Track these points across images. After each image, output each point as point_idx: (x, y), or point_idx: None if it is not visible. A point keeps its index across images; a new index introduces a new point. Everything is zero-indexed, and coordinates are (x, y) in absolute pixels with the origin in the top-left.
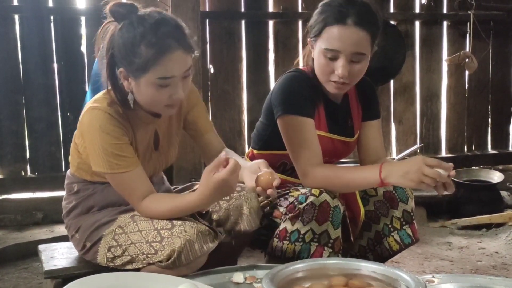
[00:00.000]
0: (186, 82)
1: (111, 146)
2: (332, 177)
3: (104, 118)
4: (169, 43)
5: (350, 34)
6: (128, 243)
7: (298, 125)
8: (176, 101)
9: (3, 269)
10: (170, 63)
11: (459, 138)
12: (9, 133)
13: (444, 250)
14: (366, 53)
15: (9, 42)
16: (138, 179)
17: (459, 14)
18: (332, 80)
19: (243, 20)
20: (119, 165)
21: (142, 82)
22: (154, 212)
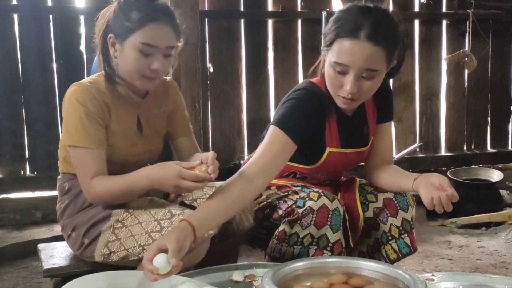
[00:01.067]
0: (167, 61)
1: (81, 119)
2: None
3: (83, 92)
4: (159, 14)
5: (361, 49)
6: (128, 236)
7: (277, 138)
8: (154, 74)
9: (2, 269)
10: (156, 31)
11: (459, 137)
12: (8, 133)
13: (443, 249)
14: (378, 70)
15: (8, 42)
16: (95, 159)
17: (458, 13)
18: (340, 95)
19: (242, 19)
20: (81, 139)
21: (127, 45)
22: (101, 190)
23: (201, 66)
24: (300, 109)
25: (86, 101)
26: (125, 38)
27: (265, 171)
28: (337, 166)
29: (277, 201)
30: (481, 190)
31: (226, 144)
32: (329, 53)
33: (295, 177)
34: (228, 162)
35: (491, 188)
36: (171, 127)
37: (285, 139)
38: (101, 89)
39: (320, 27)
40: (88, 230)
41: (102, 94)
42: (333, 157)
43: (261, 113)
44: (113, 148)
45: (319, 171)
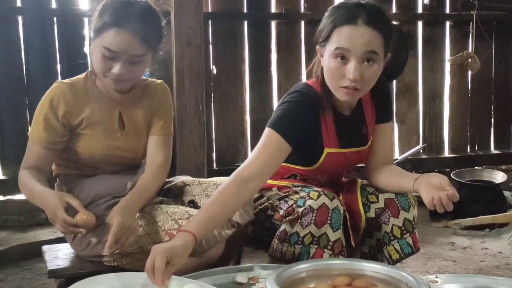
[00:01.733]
0: (134, 68)
1: (41, 118)
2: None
3: (53, 92)
4: (126, 22)
5: (361, 33)
6: (143, 234)
7: (271, 140)
8: (117, 78)
9: (7, 270)
10: (117, 38)
11: (462, 138)
12: (12, 134)
13: (447, 250)
14: (378, 53)
15: (12, 44)
16: (37, 155)
17: (462, 14)
18: (343, 85)
19: (245, 20)
20: (34, 134)
21: (95, 44)
22: (21, 183)
23: (204, 68)
24: (294, 111)
25: (54, 102)
26: (95, 37)
27: (259, 174)
28: (336, 167)
29: (278, 201)
30: (484, 191)
31: (229, 145)
32: (327, 46)
33: (296, 179)
34: (231, 164)
35: (494, 190)
36: (148, 124)
37: (279, 140)
38: (77, 86)
39: None
40: (96, 229)
41: (75, 90)
42: (331, 157)
43: (265, 114)
44: (91, 139)
45: (319, 172)
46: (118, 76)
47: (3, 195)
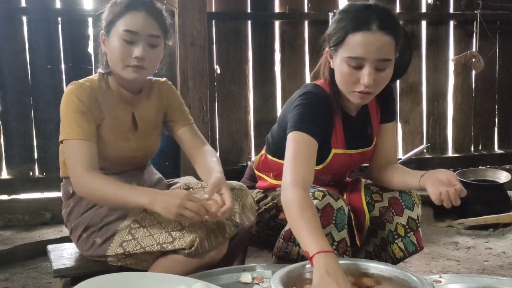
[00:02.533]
0: (152, 53)
1: (73, 114)
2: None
3: (76, 89)
4: (139, 4)
5: (374, 40)
6: (146, 235)
7: (302, 141)
8: (138, 62)
9: (12, 269)
10: (135, 18)
11: (466, 138)
12: (17, 134)
13: (451, 250)
14: (391, 59)
15: (17, 44)
16: (87, 149)
17: (466, 13)
18: (356, 90)
19: (249, 20)
20: (73, 131)
21: (111, 36)
22: (95, 188)
23: (208, 68)
24: (311, 111)
25: (78, 97)
26: (109, 30)
27: (309, 178)
28: (341, 167)
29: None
30: (488, 191)
31: (233, 145)
32: (339, 51)
33: None
34: (235, 164)
35: (498, 189)
36: (170, 121)
37: (308, 138)
38: (94, 87)
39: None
40: (100, 229)
41: (94, 91)
42: (338, 158)
43: (268, 114)
44: (105, 143)
45: (324, 172)
46: (140, 59)
47: (8, 194)
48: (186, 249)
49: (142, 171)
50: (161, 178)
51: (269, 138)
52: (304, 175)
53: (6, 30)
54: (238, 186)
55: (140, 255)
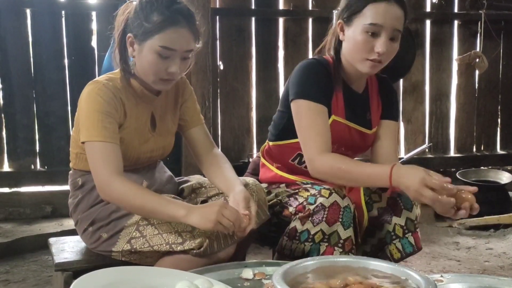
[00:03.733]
0: (184, 64)
1: (98, 115)
2: (339, 168)
3: (101, 90)
4: (179, 18)
5: (393, 11)
6: (155, 234)
7: (310, 110)
8: (171, 76)
9: (12, 262)
10: (175, 35)
11: (468, 138)
12: (20, 127)
13: (451, 250)
14: (401, 31)
15: (21, 37)
16: (114, 153)
17: (470, 13)
18: (369, 58)
19: (253, 17)
20: (99, 133)
21: (145, 47)
22: (127, 194)
23: (211, 64)
24: (313, 76)
25: (103, 99)
26: (144, 40)
27: (328, 147)
28: (340, 141)
29: (287, 198)
30: (490, 191)
31: (235, 141)
32: (357, 19)
33: (301, 163)
34: (237, 160)
35: (500, 190)
36: (182, 119)
37: (317, 107)
38: (117, 87)
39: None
40: (107, 225)
41: (118, 91)
42: (337, 127)
43: (270, 110)
44: (126, 145)
45: None
46: (175, 74)
47: (9, 187)
48: (195, 249)
49: (153, 168)
50: (171, 176)
51: (270, 126)
52: (326, 141)
53: (11, 23)
54: (252, 181)
55: (146, 252)
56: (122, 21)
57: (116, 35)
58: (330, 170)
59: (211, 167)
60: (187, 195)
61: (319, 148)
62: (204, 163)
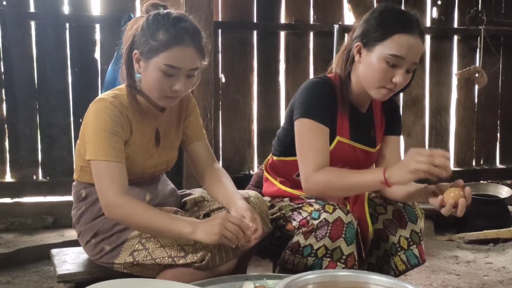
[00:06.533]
0: (190, 81)
1: (104, 134)
2: (334, 180)
3: (107, 108)
4: (185, 37)
5: (416, 44)
6: (157, 246)
7: (312, 129)
8: (175, 94)
9: (14, 272)
10: (180, 54)
11: (468, 152)
12: (23, 137)
13: (451, 264)
14: (417, 64)
15: (25, 48)
16: (119, 172)
17: (470, 29)
18: (386, 87)
19: (255, 30)
20: (105, 153)
21: (151, 65)
22: (132, 214)
23: (213, 76)
24: (318, 95)
25: (110, 117)
26: (149, 57)
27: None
28: (344, 161)
29: (291, 212)
30: (489, 205)
31: (236, 153)
32: (379, 47)
33: None
34: (238, 172)
35: (499, 204)
36: (184, 134)
37: (319, 126)
38: (124, 104)
39: (332, 40)
40: (110, 237)
41: (125, 108)
42: (342, 147)
43: (271, 123)
44: (131, 160)
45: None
46: (179, 92)
47: (11, 197)
48: (197, 263)
49: (156, 182)
50: (174, 189)
51: (275, 141)
52: (323, 160)
53: (15, 35)
54: (254, 194)
55: (148, 265)
56: (130, 36)
57: (124, 50)
58: (327, 183)
59: (212, 182)
60: (189, 208)
61: (316, 166)
62: (204, 178)
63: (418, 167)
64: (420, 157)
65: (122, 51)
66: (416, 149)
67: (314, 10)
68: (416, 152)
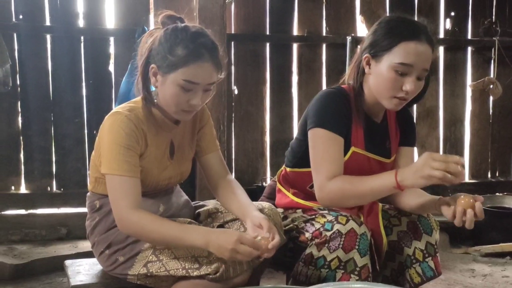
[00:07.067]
0: (206, 95)
1: (119, 148)
2: (348, 188)
3: (123, 122)
4: (203, 52)
5: (424, 50)
6: (171, 258)
7: (326, 139)
8: (192, 108)
9: (28, 283)
10: (199, 70)
11: (483, 164)
12: (37, 149)
13: (467, 277)
14: (428, 71)
15: (41, 61)
16: (133, 187)
17: (484, 40)
18: (397, 96)
19: (268, 42)
20: (119, 167)
21: (169, 80)
22: (145, 227)
23: (226, 88)
24: (332, 106)
25: (125, 132)
26: (167, 72)
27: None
28: (359, 172)
29: (304, 223)
30: (505, 218)
31: (249, 165)
32: (386, 57)
33: None
34: (250, 184)
35: None
36: (198, 145)
37: (334, 136)
38: (139, 117)
39: (344, 51)
40: (124, 248)
41: (140, 122)
42: (356, 158)
43: (284, 134)
44: (146, 173)
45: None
46: (196, 106)
47: (25, 209)
48: (211, 274)
49: (170, 193)
50: (187, 201)
51: (288, 152)
52: (337, 170)
53: (31, 48)
54: (268, 206)
55: (162, 276)
56: (146, 50)
57: (139, 63)
58: (340, 191)
59: (226, 194)
60: (203, 220)
61: (330, 175)
62: (218, 189)
63: (431, 173)
64: (434, 163)
65: (137, 63)
66: (430, 153)
67: (326, 22)
68: (431, 157)
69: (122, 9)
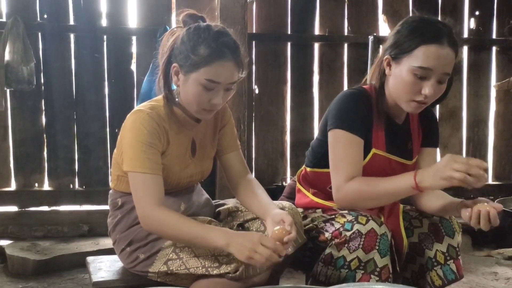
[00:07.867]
0: (227, 94)
1: (141, 146)
2: (365, 189)
3: (145, 120)
4: (226, 52)
5: (445, 54)
6: (191, 256)
7: (345, 140)
8: (213, 107)
9: (50, 279)
10: (221, 69)
11: (507, 165)
12: (60, 147)
13: (490, 280)
14: (450, 74)
15: (64, 60)
16: (156, 184)
17: (509, 39)
18: (416, 100)
19: (289, 42)
20: (142, 165)
21: (191, 79)
22: (168, 224)
23: (247, 88)
24: (352, 107)
25: (147, 129)
26: (189, 72)
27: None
28: (380, 174)
29: (323, 223)
30: None
31: (269, 165)
32: (407, 59)
33: None
34: (270, 184)
35: None
36: (219, 144)
37: (353, 138)
38: (161, 115)
39: (366, 51)
40: (145, 245)
41: (162, 120)
42: (377, 160)
43: (305, 135)
44: (168, 171)
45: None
46: (218, 105)
47: (48, 206)
48: (231, 273)
49: (191, 192)
50: (208, 199)
51: (308, 152)
52: (356, 171)
53: (55, 47)
54: (289, 205)
55: (182, 274)
56: (167, 48)
57: (161, 62)
58: (357, 193)
59: (246, 193)
60: (223, 218)
61: (348, 177)
62: (238, 189)
63: (452, 175)
64: (456, 164)
65: (159, 62)
66: (452, 155)
67: (348, 22)
68: (453, 159)
69: (144, 8)
